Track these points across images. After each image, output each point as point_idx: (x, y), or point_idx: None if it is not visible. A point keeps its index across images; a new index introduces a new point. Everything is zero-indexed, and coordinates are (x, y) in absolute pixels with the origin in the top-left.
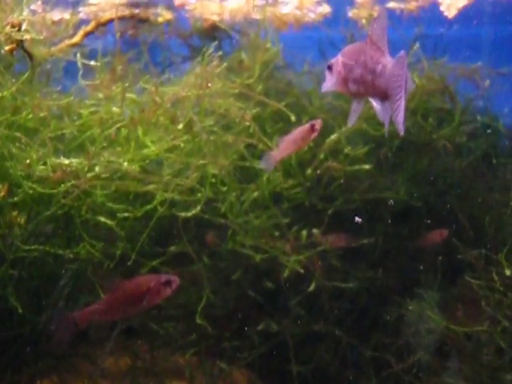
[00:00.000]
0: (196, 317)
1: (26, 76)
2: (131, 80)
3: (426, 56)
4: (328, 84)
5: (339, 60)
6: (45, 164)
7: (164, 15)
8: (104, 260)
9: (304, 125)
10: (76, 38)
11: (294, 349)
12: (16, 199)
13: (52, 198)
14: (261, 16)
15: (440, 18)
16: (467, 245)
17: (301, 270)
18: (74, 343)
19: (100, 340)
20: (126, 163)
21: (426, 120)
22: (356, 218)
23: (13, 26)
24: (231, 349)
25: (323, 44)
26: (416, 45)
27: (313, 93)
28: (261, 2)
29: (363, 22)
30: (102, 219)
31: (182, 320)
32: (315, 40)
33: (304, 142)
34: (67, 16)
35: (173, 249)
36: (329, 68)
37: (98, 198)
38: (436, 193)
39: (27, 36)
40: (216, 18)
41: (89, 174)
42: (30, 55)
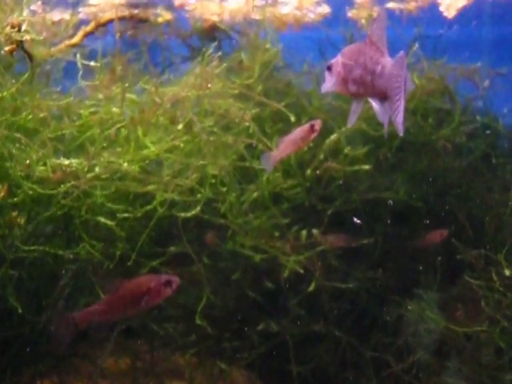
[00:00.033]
0: (196, 317)
1: (26, 76)
2: (131, 80)
3: (426, 56)
4: (328, 84)
5: (339, 60)
6: (45, 164)
7: (164, 15)
8: (104, 260)
9: (304, 125)
10: (76, 39)
11: (294, 349)
12: (16, 200)
13: (52, 199)
14: (260, 16)
15: (439, 19)
16: (467, 245)
17: (301, 270)
18: (74, 343)
19: (100, 340)
20: (126, 164)
21: (426, 120)
22: (355, 219)
23: (13, 27)
24: (231, 349)
25: (323, 44)
26: (415, 45)
27: (312, 93)
28: (260, 3)
29: (363, 23)
30: (102, 220)
31: (182, 320)
32: (315, 40)
33: (304, 143)
34: (67, 16)
35: (173, 249)
36: (328, 68)
37: (98, 199)
38: (436, 193)
39: (27, 36)
40: (216, 19)
41: (89, 175)
42: (30, 56)
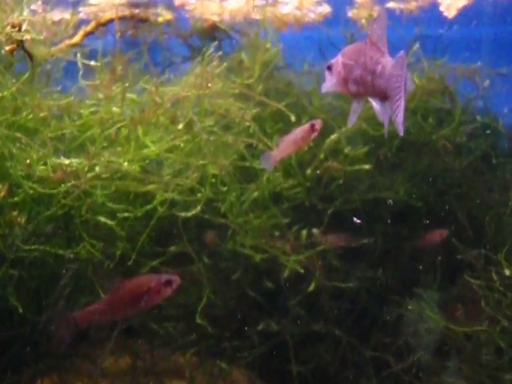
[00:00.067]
0: (196, 317)
1: (27, 76)
2: (131, 80)
3: (426, 56)
4: (328, 84)
5: (339, 60)
6: (45, 164)
7: (164, 15)
8: (104, 260)
9: (304, 125)
10: (76, 38)
11: (294, 349)
12: (16, 199)
13: (52, 198)
14: (261, 16)
15: (440, 19)
16: (467, 245)
17: (301, 270)
18: (74, 343)
19: (100, 340)
20: (126, 163)
21: (426, 120)
22: (355, 219)
23: (13, 27)
24: (231, 349)
25: (323, 44)
26: (416, 45)
27: (313, 93)
28: (261, 2)
29: (363, 23)
30: (102, 219)
31: (182, 320)
32: (315, 40)
33: (304, 142)
34: (67, 16)
35: (173, 249)
36: (329, 68)
37: (98, 198)
38: (436, 193)
39: (27, 36)
40: (216, 19)
41: (89, 174)
42: (31, 55)
